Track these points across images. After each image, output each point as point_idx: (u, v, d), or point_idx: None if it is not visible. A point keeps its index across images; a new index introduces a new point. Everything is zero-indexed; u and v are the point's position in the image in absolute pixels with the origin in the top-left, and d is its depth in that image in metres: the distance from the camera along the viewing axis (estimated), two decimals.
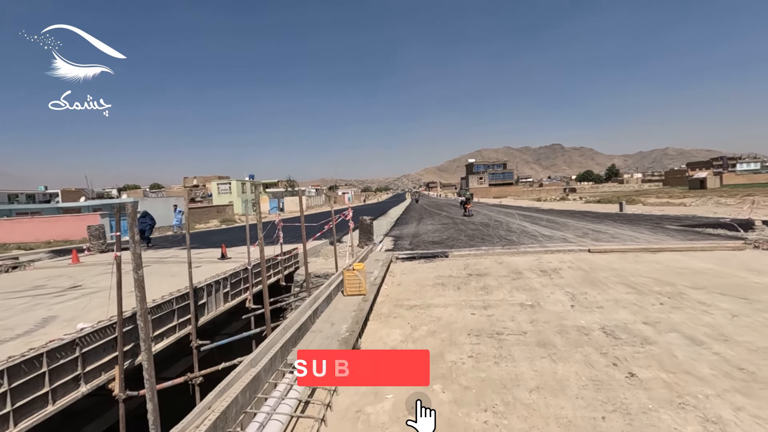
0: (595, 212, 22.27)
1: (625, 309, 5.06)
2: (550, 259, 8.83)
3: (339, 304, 5.45)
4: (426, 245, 12.19)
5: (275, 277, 10.14)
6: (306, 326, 4.43)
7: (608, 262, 8.08)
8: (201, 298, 6.79)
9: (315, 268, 10.99)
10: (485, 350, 4.06)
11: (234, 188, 63.43)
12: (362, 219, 13.95)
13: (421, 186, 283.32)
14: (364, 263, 8.88)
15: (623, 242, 10.27)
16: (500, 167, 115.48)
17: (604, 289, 6.09)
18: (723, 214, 17.58)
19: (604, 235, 12.02)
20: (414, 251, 11.00)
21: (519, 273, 7.59)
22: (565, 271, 7.49)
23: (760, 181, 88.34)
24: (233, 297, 8.06)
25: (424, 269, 8.65)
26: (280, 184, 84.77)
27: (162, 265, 10.66)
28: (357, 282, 5.61)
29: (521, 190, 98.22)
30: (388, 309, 5.68)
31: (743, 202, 28.10)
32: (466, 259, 9.51)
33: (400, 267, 9.10)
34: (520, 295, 6.00)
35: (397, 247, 12.40)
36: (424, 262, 9.59)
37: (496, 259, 9.33)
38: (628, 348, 3.89)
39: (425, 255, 10.19)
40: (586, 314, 4.95)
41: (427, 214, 28.78)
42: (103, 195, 72.45)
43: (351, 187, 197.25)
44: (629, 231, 12.60)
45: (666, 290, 5.79)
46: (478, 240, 12.59)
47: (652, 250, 9.04)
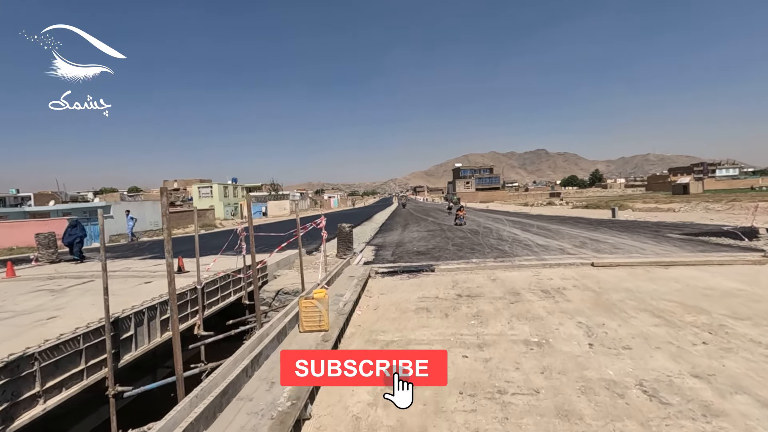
0: (587, 218, 21.43)
1: (660, 350, 3.92)
2: (550, 275, 7.71)
3: (292, 344, 4.18)
4: (410, 256, 10.99)
5: (236, 295, 8.80)
6: (236, 386, 3.16)
7: (618, 280, 6.99)
8: (126, 330, 5.43)
9: (286, 283, 9.70)
10: (485, 425, 2.85)
11: (215, 192, 61.40)
12: (340, 227, 12.69)
13: (408, 190, 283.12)
14: (337, 280, 7.63)
15: (628, 254, 9.25)
16: (487, 172, 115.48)
17: (624, 318, 4.95)
18: (719, 220, 16.88)
19: (605, 245, 11.00)
20: (396, 264, 9.78)
21: (517, 294, 6.43)
22: (570, 292, 6.36)
23: (739, 186, 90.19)
24: (180, 323, 6.69)
25: (406, 287, 7.43)
26: (264, 188, 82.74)
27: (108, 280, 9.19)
28: (316, 315, 4.36)
29: (507, 195, 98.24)
30: (357, 348, 4.44)
31: (732, 207, 27.77)
32: (455, 274, 8.34)
33: (379, 284, 7.87)
34: (522, 327, 4.82)
35: (378, 258, 11.16)
36: (407, 277, 8.38)
37: (489, 274, 8.17)
38: (687, 423, 2.72)
39: (408, 269, 8.97)
40: (612, 359, 3.79)
41: (413, 220, 27.63)
42: (77, 199, 69.40)
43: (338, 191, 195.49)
44: (630, 240, 11.62)
45: (702, 321, 4.68)
46: (467, 250, 11.45)
47: (663, 265, 8.00)
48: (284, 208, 69.01)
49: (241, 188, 71.53)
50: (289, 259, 12.44)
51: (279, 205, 69.00)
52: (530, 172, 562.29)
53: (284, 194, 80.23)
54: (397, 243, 14.40)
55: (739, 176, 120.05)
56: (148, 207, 38.20)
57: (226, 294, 8.41)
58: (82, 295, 7.62)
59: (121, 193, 79.74)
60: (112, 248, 18.47)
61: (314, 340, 4.19)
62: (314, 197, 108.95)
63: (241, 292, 9.01)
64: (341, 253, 12.55)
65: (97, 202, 46.67)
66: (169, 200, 15.52)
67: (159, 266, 11.82)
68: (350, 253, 12.56)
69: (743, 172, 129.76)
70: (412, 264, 9.61)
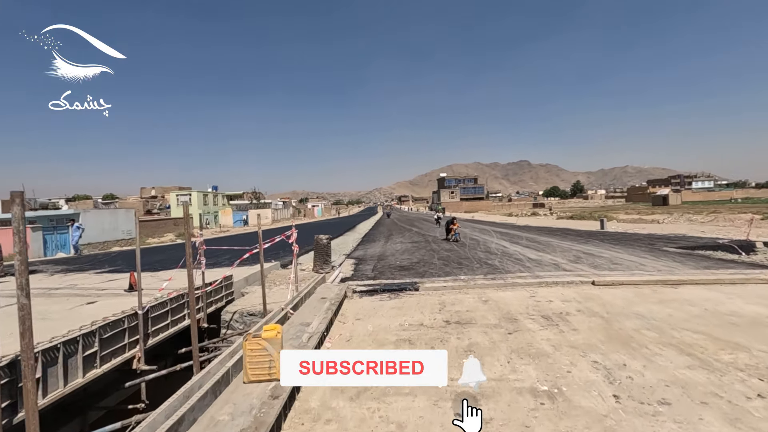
0: (575, 230, 20.89)
1: (708, 408, 3.04)
2: (548, 296, 6.85)
3: (228, 403, 3.14)
4: (392, 271, 10.02)
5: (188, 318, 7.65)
6: None
7: (626, 302, 6.17)
8: (48, 364, 4.29)
9: (255, 302, 8.62)
10: None
11: (194, 200, 59.42)
12: (317, 239, 11.66)
13: (393, 200, 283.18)
14: (307, 302, 6.60)
15: (629, 271, 8.50)
16: (471, 182, 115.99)
17: (646, 356, 4.08)
18: (710, 233, 16.50)
19: (601, 259, 10.27)
20: (376, 281, 8.81)
21: (514, 320, 5.53)
22: (575, 318, 5.49)
23: (715, 198, 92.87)
24: (111, 357, 5.54)
25: (386, 311, 6.44)
26: (246, 197, 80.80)
27: (45, 300, 7.96)
28: (265, 360, 3.34)
29: (492, 205, 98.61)
30: (320, 400, 3.43)
31: (715, 219, 27.82)
32: (442, 294, 7.40)
33: (355, 306, 6.86)
34: (526, 369, 3.89)
35: (357, 273, 10.17)
36: (388, 297, 7.40)
37: (480, 294, 7.26)
38: None
39: (390, 287, 8.00)
40: (650, 420, 2.88)
41: (396, 231, 26.74)
42: (48, 206, 66.21)
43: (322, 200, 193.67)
44: (626, 254, 10.94)
45: (743, 361, 3.84)
46: (454, 264, 10.56)
47: (670, 284, 7.25)
48: (266, 217, 67.33)
49: (222, 196, 69.63)
50: (258, 274, 11.36)
51: (261, 214, 67.30)
52: (513, 182, 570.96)
53: (266, 203, 78.44)
54: (379, 256, 13.43)
55: (714, 188, 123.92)
56: (120, 215, 36.34)
57: (180, 317, 7.26)
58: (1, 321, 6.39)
59: (95, 200, 76.60)
60: (70, 260, 16.94)
61: (260, 394, 3.16)
62: (298, 206, 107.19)
63: (200, 314, 7.87)
64: (318, 267, 11.52)
65: (66, 210, 44.39)
66: (145, 208, 13.88)
67: (112, 282, 10.57)
68: (328, 266, 11.54)
69: (717, 184, 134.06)
70: (393, 281, 8.65)
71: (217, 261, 12.93)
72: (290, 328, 4.95)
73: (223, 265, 12.35)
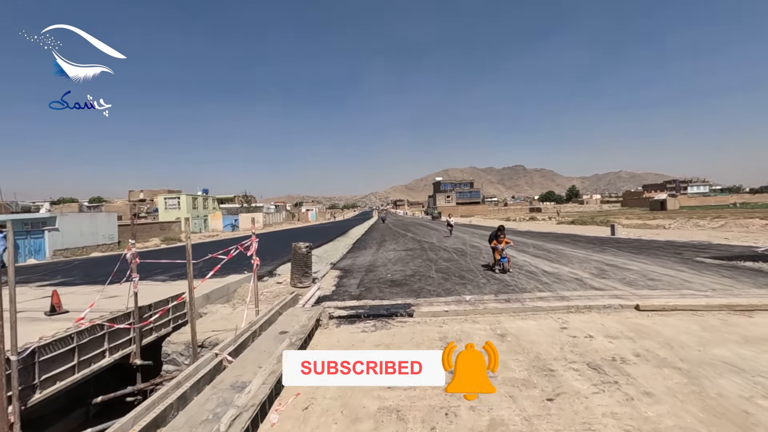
0: (584, 236, 19.24)
1: None
2: (584, 327, 5.15)
3: None
4: (381, 288, 8.29)
5: (119, 352, 5.88)
6: None
7: (697, 340, 4.48)
8: None
9: (214, 325, 6.89)
10: None
11: (183, 203, 57.34)
12: (295, 247, 9.93)
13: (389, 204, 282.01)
14: (260, 338, 4.85)
15: (676, 291, 6.82)
16: (467, 186, 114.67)
17: None
18: (735, 240, 14.93)
19: (631, 273, 8.61)
20: (360, 302, 7.07)
21: (550, 372, 3.82)
22: (639, 369, 3.79)
23: (711, 203, 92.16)
24: None
25: (369, 350, 4.72)
26: (237, 200, 78.69)
27: None
28: None
29: (488, 209, 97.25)
30: None
31: (725, 224, 26.39)
32: (443, 323, 5.67)
33: (328, 342, 5.12)
34: None
35: (340, 290, 8.42)
36: (373, 327, 5.67)
37: (493, 323, 5.55)
38: None
39: (376, 312, 6.27)
40: None
41: (390, 236, 25.01)
42: (30, 209, 63.76)
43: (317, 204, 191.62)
44: (657, 266, 9.29)
45: None
46: (456, 279, 8.85)
47: (740, 309, 5.57)
48: (257, 222, 65.39)
49: (213, 200, 67.56)
50: (227, 288, 9.61)
51: (251, 218, 65.29)
52: (508, 187, 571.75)
53: (258, 206, 76.34)
54: (369, 266, 11.69)
55: (709, 193, 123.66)
56: (101, 219, 34.32)
57: (96, 355, 5.48)
58: None
59: (81, 203, 74.15)
60: (30, 268, 15.02)
61: None
62: (292, 210, 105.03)
63: (131, 347, 6.10)
64: (296, 280, 9.80)
65: (43, 213, 42.15)
66: (132, 211, 11.55)
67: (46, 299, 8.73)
68: (307, 279, 9.81)
69: (712, 189, 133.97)
70: (382, 303, 6.92)
71: (179, 273, 11.14)
72: (212, 395, 3.21)
73: (184, 277, 10.59)
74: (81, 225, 31.18)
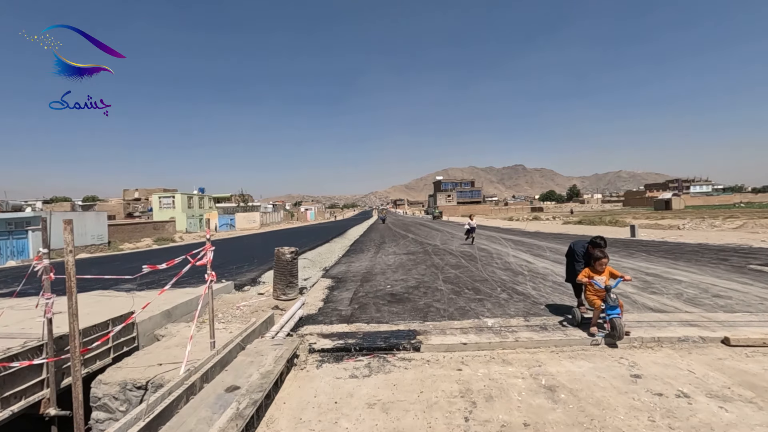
0: None
1: None
2: (662, 372, 3.62)
3: None
4: (378, 305, 6.74)
5: (21, 400, 4.34)
6: None
7: None
8: None
9: (168, 355, 5.38)
10: None
11: (178, 202, 55.78)
12: (278, 253, 8.42)
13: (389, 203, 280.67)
14: (198, 396, 3.29)
15: (759, 313, 5.28)
16: (468, 185, 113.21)
17: None
18: (752, 240, 13.39)
19: (681, 285, 7.07)
20: (352, 326, 5.53)
21: None
22: None
23: (714, 202, 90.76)
24: None
25: (360, 413, 3.20)
26: (234, 199, 77.06)
27: None
28: None
29: (489, 209, 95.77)
30: None
31: (744, 225, 24.91)
32: (463, 365, 4.12)
33: (302, 398, 3.58)
34: None
35: (327, 308, 6.86)
36: (367, 369, 4.14)
37: (530, 363, 4.01)
38: None
39: (372, 345, 4.73)
40: None
41: (390, 238, 23.46)
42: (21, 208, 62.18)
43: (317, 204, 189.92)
44: (711, 277, 7.75)
45: None
46: (469, 292, 7.31)
47: None
48: (254, 221, 63.82)
49: (209, 199, 65.98)
50: (197, 301, 8.02)
51: (248, 218, 63.71)
52: (508, 186, 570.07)
53: (254, 206, 74.65)
54: (365, 274, 10.14)
55: (711, 193, 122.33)
56: (89, 218, 32.78)
57: None
58: None
59: (73, 203, 72.52)
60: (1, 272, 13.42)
61: None
62: (291, 209, 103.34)
63: (42, 392, 4.58)
64: (279, 292, 8.29)
65: (27, 212, 40.53)
66: (126, 211, 9.39)
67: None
68: (293, 290, 8.31)
69: (714, 189, 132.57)
70: (379, 328, 5.37)
71: (148, 282, 9.60)
72: None
73: (154, 286, 9.04)
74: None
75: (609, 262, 4.81)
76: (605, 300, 4.41)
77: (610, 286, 4.44)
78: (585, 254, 5.11)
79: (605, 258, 4.69)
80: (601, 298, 4.49)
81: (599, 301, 4.53)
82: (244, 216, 63.09)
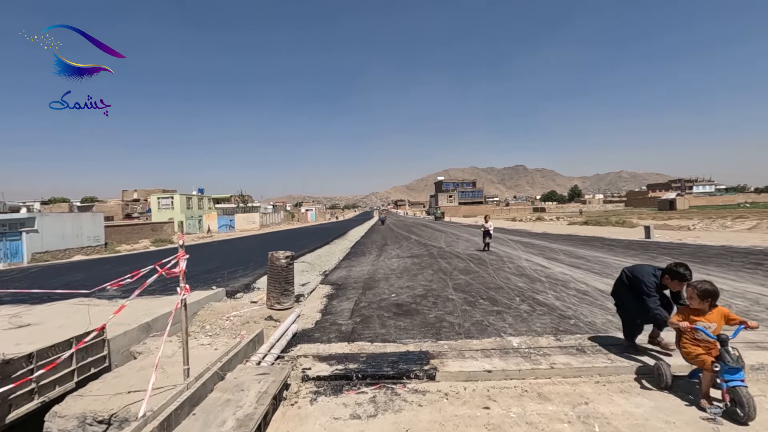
0: (613, 239, 16.87)
1: None
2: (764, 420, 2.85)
3: None
4: (383, 318, 5.96)
5: None
6: None
7: None
8: None
9: (137, 381, 4.62)
10: None
11: (177, 203, 55.07)
12: (272, 257, 7.64)
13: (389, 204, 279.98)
14: None
15: None
16: (469, 185, 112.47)
17: None
18: None
19: (725, 294, 6.29)
20: (353, 346, 4.74)
21: None
22: None
23: (718, 202, 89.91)
24: None
25: None
26: (233, 200, 76.34)
27: None
28: None
29: (490, 209, 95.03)
30: None
31: (759, 225, 24.11)
32: (490, 402, 3.34)
33: None
34: None
35: (325, 321, 6.07)
36: (372, 406, 3.36)
37: (575, 401, 3.23)
38: None
39: (377, 371, 3.96)
40: None
41: (392, 239, 22.67)
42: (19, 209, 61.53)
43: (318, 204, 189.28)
44: (753, 285, 6.97)
45: None
46: (484, 302, 6.53)
47: None
48: (253, 222, 63.12)
49: (208, 199, 65.27)
50: (177, 313, 7.18)
51: (248, 219, 63.01)
52: (509, 187, 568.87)
53: (254, 206, 73.94)
54: (367, 280, 9.36)
55: (714, 193, 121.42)
56: (85, 219, 32.05)
57: None
58: None
59: (72, 204, 71.84)
60: None
61: None
62: (291, 210, 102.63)
63: None
64: (273, 301, 7.51)
65: (22, 213, 39.76)
66: (125, 212, 8.57)
67: None
68: (288, 299, 7.53)
69: (717, 189, 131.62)
70: (386, 348, 4.59)
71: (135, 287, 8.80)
72: None
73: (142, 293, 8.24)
74: (63, 226, 28.84)
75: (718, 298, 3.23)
76: (720, 357, 2.96)
77: (727, 337, 3.00)
78: (659, 286, 3.75)
79: (708, 298, 3.15)
80: (712, 354, 3.06)
81: (708, 357, 3.06)
82: (244, 217, 62.40)
